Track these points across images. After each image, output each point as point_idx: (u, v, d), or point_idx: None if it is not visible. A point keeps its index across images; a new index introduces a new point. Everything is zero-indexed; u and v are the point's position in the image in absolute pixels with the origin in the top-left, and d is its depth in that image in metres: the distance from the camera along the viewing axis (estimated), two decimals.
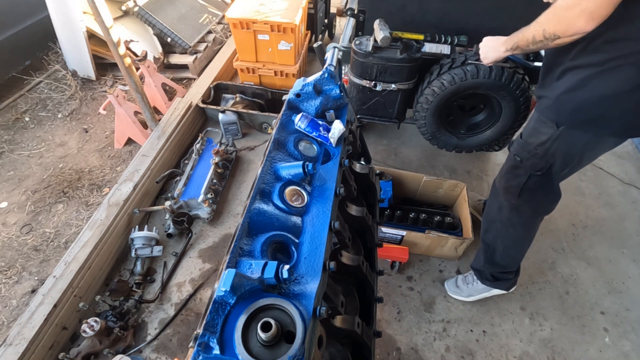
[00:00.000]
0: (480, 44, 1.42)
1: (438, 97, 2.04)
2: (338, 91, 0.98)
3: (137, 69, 2.65)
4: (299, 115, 0.92)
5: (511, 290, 1.88)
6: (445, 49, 2.13)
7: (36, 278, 2.04)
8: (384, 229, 1.98)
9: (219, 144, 2.56)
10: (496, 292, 1.86)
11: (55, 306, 1.67)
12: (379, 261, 1.77)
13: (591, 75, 1.08)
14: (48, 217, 2.34)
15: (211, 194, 2.25)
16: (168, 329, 1.84)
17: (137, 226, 2.10)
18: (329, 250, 0.70)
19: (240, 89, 3.03)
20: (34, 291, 1.97)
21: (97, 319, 1.69)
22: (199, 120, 2.91)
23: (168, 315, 1.88)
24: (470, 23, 2.12)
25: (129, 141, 2.80)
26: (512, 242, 1.64)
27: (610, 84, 1.05)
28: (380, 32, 1.90)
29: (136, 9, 3.26)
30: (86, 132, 2.94)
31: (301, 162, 0.79)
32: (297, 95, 0.97)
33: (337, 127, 0.92)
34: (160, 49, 3.34)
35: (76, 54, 3.19)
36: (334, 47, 1.11)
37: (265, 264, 0.59)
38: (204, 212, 2.24)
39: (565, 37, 1.00)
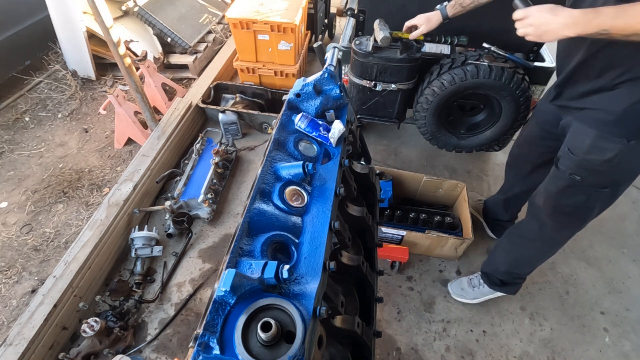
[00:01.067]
0: (528, 14, 1.06)
1: (438, 97, 2.04)
2: (338, 91, 0.98)
3: (137, 69, 2.65)
4: (299, 115, 0.92)
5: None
6: (445, 49, 2.13)
7: (36, 278, 2.04)
8: (384, 229, 1.98)
9: (219, 144, 2.56)
10: (500, 294, 1.86)
11: (55, 306, 1.67)
12: (379, 261, 1.77)
13: None
14: (48, 217, 2.34)
15: (211, 194, 2.25)
16: (168, 329, 1.84)
17: (137, 226, 2.10)
18: (329, 250, 0.70)
19: (240, 89, 3.03)
20: (34, 291, 1.97)
21: (97, 319, 1.69)
22: (199, 120, 2.91)
23: (168, 315, 1.88)
24: (470, 23, 2.12)
25: (129, 141, 2.80)
26: (545, 256, 1.62)
27: None
28: (380, 32, 1.90)
29: (136, 9, 3.26)
30: (86, 132, 2.94)
31: (301, 162, 0.79)
32: (297, 95, 0.97)
33: (337, 127, 0.92)
34: (160, 49, 3.34)
35: (76, 54, 3.19)
36: (334, 47, 1.11)
37: (265, 264, 0.59)
38: (204, 212, 2.24)
39: None
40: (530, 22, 1.05)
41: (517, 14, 1.09)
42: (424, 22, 1.74)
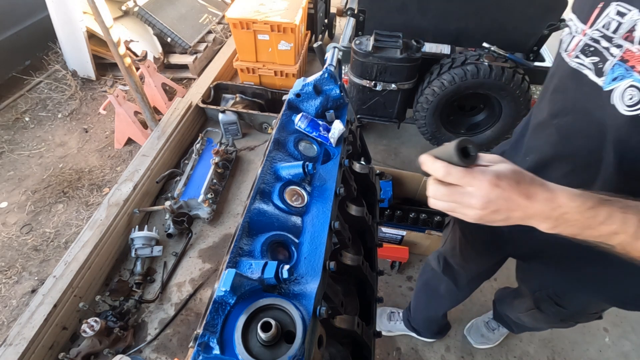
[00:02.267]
0: (468, 184, 0.55)
1: (438, 97, 2.04)
2: (338, 91, 0.98)
3: (137, 69, 2.65)
4: (299, 115, 0.92)
5: None
6: (445, 49, 2.13)
7: (36, 278, 2.04)
8: (384, 229, 1.98)
9: (219, 144, 2.56)
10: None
11: (55, 306, 1.67)
12: (379, 261, 1.77)
13: None
14: (48, 217, 2.34)
15: (211, 194, 2.25)
16: (168, 329, 1.84)
17: (137, 226, 2.10)
18: (329, 250, 0.70)
19: (240, 89, 3.03)
20: (34, 291, 1.97)
21: (97, 319, 1.69)
22: (199, 120, 2.91)
23: (168, 315, 1.88)
24: (470, 23, 2.12)
25: (129, 141, 2.80)
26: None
27: None
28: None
29: (136, 9, 3.26)
30: (86, 132, 2.94)
31: (301, 162, 0.79)
32: (297, 95, 0.97)
33: (337, 127, 0.92)
34: (160, 49, 3.34)
35: (76, 54, 3.19)
36: (334, 47, 1.10)
37: (265, 264, 0.59)
38: (204, 212, 2.24)
39: None
40: (470, 202, 0.55)
41: (448, 176, 0.56)
42: None
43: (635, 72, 0.61)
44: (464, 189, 0.55)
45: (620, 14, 0.64)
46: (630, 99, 0.62)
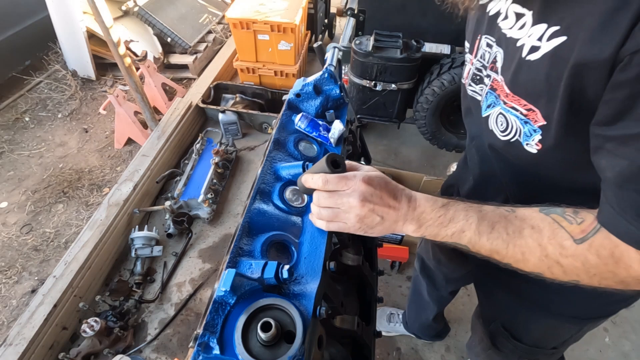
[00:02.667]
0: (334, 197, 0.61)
1: (438, 97, 2.04)
2: (338, 91, 0.98)
3: (137, 69, 2.65)
4: (299, 115, 0.92)
5: None
6: (445, 49, 2.13)
7: (36, 278, 2.04)
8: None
9: (219, 144, 2.56)
10: None
11: (55, 306, 1.67)
12: (379, 261, 1.77)
13: None
14: (48, 217, 2.34)
15: (211, 194, 2.25)
16: (168, 329, 1.84)
17: (137, 226, 2.10)
18: (329, 250, 0.70)
19: (240, 89, 3.03)
20: (34, 291, 1.97)
21: (97, 319, 1.69)
22: (199, 120, 2.91)
23: (168, 315, 1.88)
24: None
25: (129, 141, 2.80)
26: None
27: None
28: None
29: (136, 9, 3.26)
30: (86, 132, 2.94)
31: (301, 162, 0.79)
32: (297, 95, 0.97)
33: (337, 127, 0.92)
34: (160, 49, 3.34)
35: (76, 54, 3.19)
36: (334, 47, 1.10)
37: (265, 264, 0.58)
38: (204, 212, 2.24)
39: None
40: (349, 201, 0.59)
41: (328, 184, 0.60)
42: None
43: (501, 100, 0.64)
44: (342, 192, 0.60)
45: (489, 45, 0.68)
46: (502, 124, 0.66)
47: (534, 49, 0.55)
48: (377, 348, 1.83)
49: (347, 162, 0.65)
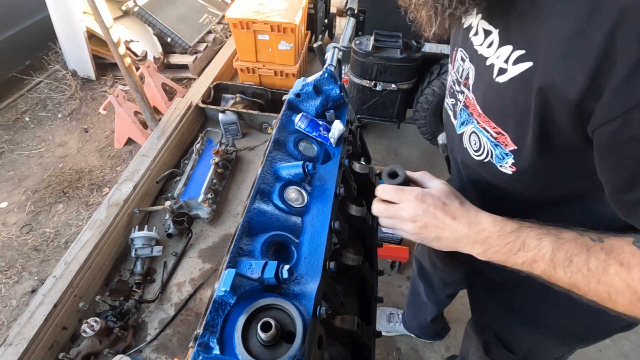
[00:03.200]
0: (401, 200, 0.62)
1: (438, 97, 2.04)
2: (338, 91, 0.98)
3: (137, 69, 2.65)
4: (299, 115, 0.92)
5: None
6: (445, 49, 2.13)
7: (36, 278, 2.04)
8: (384, 229, 1.97)
9: (219, 144, 2.56)
10: None
11: (55, 306, 1.67)
12: (379, 261, 1.77)
13: None
14: (48, 217, 2.34)
15: (211, 194, 2.25)
16: (168, 329, 1.84)
17: (137, 226, 2.10)
18: (329, 250, 0.70)
19: (240, 89, 3.03)
20: (34, 291, 1.97)
21: (97, 319, 1.69)
22: (199, 120, 2.91)
23: (168, 315, 1.88)
24: None
25: (129, 141, 2.80)
26: None
27: None
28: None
29: (136, 9, 3.26)
30: (86, 132, 2.94)
31: (301, 162, 0.79)
32: (297, 95, 0.97)
33: (337, 127, 0.92)
34: (160, 49, 3.34)
35: (76, 54, 3.19)
36: (334, 47, 1.10)
37: (265, 264, 0.58)
38: (204, 212, 2.24)
39: None
40: (402, 215, 0.61)
41: (384, 193, 0.64)
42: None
43: (474, 118, 0.61)
44: (397, 205, 0.62)
45: (462, 59, 0.64)
46: (475, 144, 0.63)
47: (502, 70, 0.52)
48: (377, 348, 1.83)
49: (418, 175, 0.68)
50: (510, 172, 0.58)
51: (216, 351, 0.53)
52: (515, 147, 0.54)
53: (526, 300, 0.82)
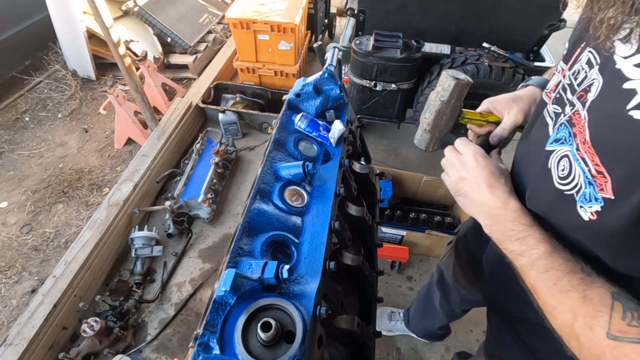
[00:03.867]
0: (459, 162, 0.71)
1: None
2: (338, 91, 0.98)
3: (137, 69, 2.65)
4: (299, 115, 0.92)
5: None
6: (445, 49, 2.13)
7: (36, 278, 2.04)
8: (384, 229, 1.98)
9: (219, 144, 2.56)
10: None
11: (55, 306, 1.67)
12: (379, 261, 1.77)
13: None
14: (48, 217, 2.34)
15: (211, 194, 2.25)
16: (168, 329, 1.84)
17: (137, 226, 2.10)
18: (329, 250, 0.70)
19: (240, 89, 3.03)
20: (34, 291, 1.97)
21: (97, 319, 1.69)
22: (199, 120, 2.91)
23: (168, 315, 1.88)
24: (470, 23, 2.12)
25: (129, 141, 2.80)
26: None
27: None
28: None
29: (136, 9, 3.26)
30: (86, 132, 2.94)
31: (301, 162, 0.79)
32: (297, 95, 0.97)
33: (337, 127, 0.92)
34: (160, 49, 3.34)
35: (76, 54, 3.19)
36: (334, 47, 1.10)
37: (265, 264, 0.58)
38: (204, 212, 2.24)
39: None
40: (454, 160, 0.72)
41: (449, 155, 0.75)
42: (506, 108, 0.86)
43: (575, 142, 0.50)
44: (459, 154, 0.71)
45: (589, 64, 0.52)
46: (563, 170, 0.53)
47: None
48: (377, 348, 1.83)
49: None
50: (587, 220, 0.48)
51: (216, 351, 0.53)
52: (612, 198, 0.44)
53: (541, 342, 0.79)
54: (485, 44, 2.00)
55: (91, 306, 1.81)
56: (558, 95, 0.59)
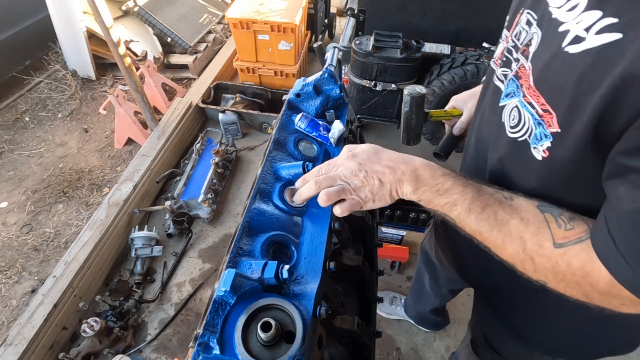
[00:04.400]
0: (335, 165, 0.65)
1: (438, 96, 2.04)
2: (338, 91, 0.98)
3: (137, 69, 2.65)
4: (299, 115, 0.92)
5: None
6: (445, 49, 2.13)
7: (36, 278, 2.04)
8: (384, 229, 1.98)
9: (219, 144, 2.56)
10: None
11: (55, 306, 1.67)
12: (379, 261, 1.77)
13: None
14: (48, 217, 2.34)
15: (211, 194, 2.25)
16: (168, 329, 1.84)
17: (137, 226, 2.10)
18: (329, 250, 0.70)
19: (240, 89, 3.03)
20: (34, 291, 1.97)
21: (97, 319, 1.69)
22: (199, 120, 2.91)
23: (168, 315, 1.88)
24: (470, 23, 2.12)
25: (129, 141, 2.80)
26: None
27: None
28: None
29: (136, 9, 3.26)
30: (86, 132, 2.94)
31: (301, 162, 0.79)
32: (297, 95, 0.97)
33: (337, 127, 0.92)
34: (160, 49, 3.34)
35: (76, 54, 3.19)
36: (334, 47, 1.10)
37: (265, 264, 0.58)
38: (204, 212, 2.24)
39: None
40: (342, 173, 0.63)
41: (315, 172, 0.67)
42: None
43: (521, 91, 0.56)
44: (336, 171, 0.63)
45: (528, 23, 0.58)
46: (513, 119, 0.58)
47: (577, 39, 0.45)
48: (377, 348, 1.83)
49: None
50: (540, 158, 0.54)
51: (216, 351, 0.53)
52: (559, 131, 0.49)
53: (516, 311, 0.83)
54: (485, 44, 2.00)
55: (91, 306, 1.81)
56: (504, 59, 0.64)
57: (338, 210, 0.64)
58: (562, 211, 0.53)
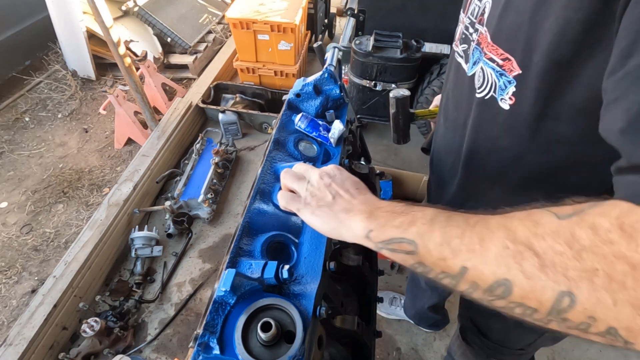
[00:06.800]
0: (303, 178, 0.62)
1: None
2: (338, 91, 0.98)
3: (137, 69, 2.65)
4: (299, 115, 0.92)
5: None
6: (445, 49, 2.13)
7: (36, 278, 2.04)
8: None
9: (219, 144, 2.56)
10: None
11: (55, 306, 1.67)
12: (379, 261, 1.77)
13: None
14: (48, 217, 2.34)
15: (211, 194, 2.25)
16: (168, 329, 1.84)
17: (137, 226, 2.10)
18: (329, 251, 0.70)
19: (240, 89, 3.03)
20: (34, 291, 1.97)
21: (97, 319, 1.69)
22: (199, 120, 2.91)
23: (168, 315, 1.88)
24: None
25: (129, 141, 2.80)
26: None
27: None
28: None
29: (136, 9, 3.26)
30: (86, 132, 2.94)
31: (301, 163, 0.79)
32: (297, 95, 0.97)
33: (337, 127, 0.92)
34: (160, 49, 3.34)
35: (76, 54, 3.19)
36: (334, 47, 1.10)
37: (265, 264, 0.58)
38: (204, 212, 2.24)
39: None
40: (310, 181, 0.60)
41: (284, 177, 0.64)
42: None
43: (483, 52, 0.61)
44: (306, 178, 0.60)
45: None
46: (479, 80, 0.62)
47: None
48: (377, 348, 1.83)
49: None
50: (507, 108, 0.57)
51: (216, 351, 0.53)
52: (520, 72, 0.53)
53: None
54: None
55: (91, 306, 1.81)
56: (463, 36, 0.68)
57: (282, 202, 0.61)
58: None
